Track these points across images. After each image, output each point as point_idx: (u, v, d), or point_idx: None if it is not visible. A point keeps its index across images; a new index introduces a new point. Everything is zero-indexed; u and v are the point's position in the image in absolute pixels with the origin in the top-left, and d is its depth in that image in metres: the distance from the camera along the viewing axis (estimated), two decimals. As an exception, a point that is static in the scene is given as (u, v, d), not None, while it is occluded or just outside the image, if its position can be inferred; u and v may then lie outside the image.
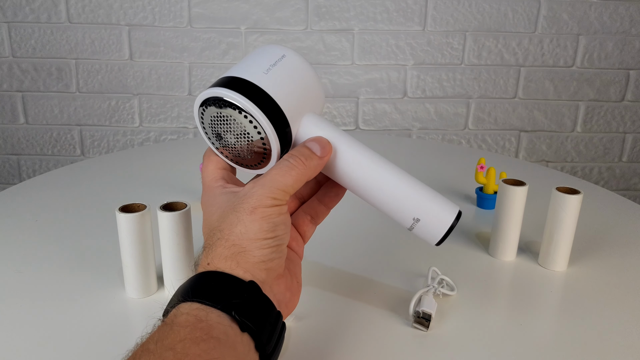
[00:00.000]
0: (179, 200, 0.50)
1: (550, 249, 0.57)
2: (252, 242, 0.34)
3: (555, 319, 0.49)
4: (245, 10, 1.43)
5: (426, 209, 0.39)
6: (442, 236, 0.39)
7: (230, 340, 0.30)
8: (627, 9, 1.46)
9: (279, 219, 0.35)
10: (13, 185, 0.99)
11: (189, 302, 0.31)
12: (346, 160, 0.39)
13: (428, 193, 0.39)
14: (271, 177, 0.35)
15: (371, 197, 0.39)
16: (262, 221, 0.34)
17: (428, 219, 0.39)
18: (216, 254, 0.34)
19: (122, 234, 0.48)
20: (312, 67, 0.39)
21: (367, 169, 0.39)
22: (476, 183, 0.83)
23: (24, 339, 0.44)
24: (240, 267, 0.34)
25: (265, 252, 0.34)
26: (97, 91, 1.49)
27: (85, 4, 1.41)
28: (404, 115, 1.55)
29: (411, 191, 0.39)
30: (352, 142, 0.39)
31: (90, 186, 0.81)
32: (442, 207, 0.39)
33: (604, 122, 1.58)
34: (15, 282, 0.53)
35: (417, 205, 0.39)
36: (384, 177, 0.39)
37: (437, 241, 0.39)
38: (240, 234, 0.34)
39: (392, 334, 0.45)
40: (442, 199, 0.40)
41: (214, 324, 0.30)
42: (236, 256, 0.34)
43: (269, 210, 0.34)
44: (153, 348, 0.29)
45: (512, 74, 1.51)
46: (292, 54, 0.39)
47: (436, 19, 1.45)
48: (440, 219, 0.39)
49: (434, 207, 0.39)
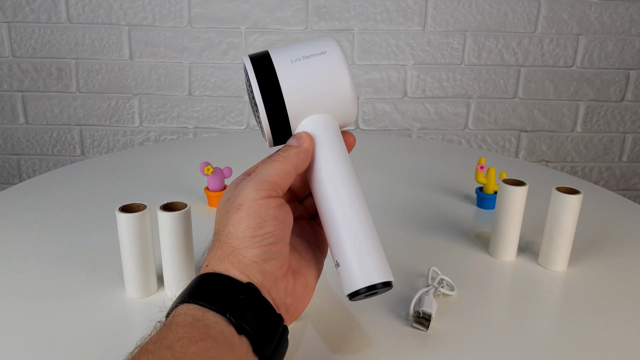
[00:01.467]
0: (179, 200, 0.50)
1: (550, 249, 0.57)
2: (240, 241, 0.33)
3: (555, 319, 0.49)
4: (245, 10, 1.43)
5: (351, 258, 0.36)
6: (355, 289, 0.35)
7: (227, 340, 0.30)
8: (627, 9, 1.46)
9: (267, 213, 0.34)
10: (13, 185, 0.99)
11: (186, 304, 0.32)
12: (317, 167, 0.38)
13: (366, 246, 0.36)
14: (256, 173, 0.36)
15: (321, 213, 0.38)
16: (249, 217, 0.33)
17: (347, 268, 0.36)
18: (213, 255, 0.34)
19: (122, 234, 0.48)
20: (349, 74, 0.38)
21: (329, 184, 0.37)
22: (476, 183, 0.83)
23: (23, 339, 0.44)
24: (235, 267, 0.33)
25: (255, 251, 0.33)
26: (97, 91, 1.49)
27: (85, 4, 1.41)
28: (404, 115, 1.55)
29: (352, 231, 0.36)
30: (333, 154, 0.38)
31: (90, 186, 0.81)
32: (372, 264, 0.36)
33: (604, 122, 1.58)
34: (15, 282, 0.53)
35: (346, 248, 0.36)
36: (339, 201, 0.37)
37: (349, 292, 0.36)
38: (230, 233, 0.34)
39: (392, 334, 0.45)
40: (380, 259, 0.36)
41: (210, 323, 0.30)
42: (229, 257, 0.33)
43: (255, 204, 0.33)
44: (152, 348, 0.29)
45: (512, 74, 1.51)
46: (334, 54, 0.38)
47: (436, 19, 1.45)
48: (358, 275, 0.35)
49: (363, 260, 0.36)
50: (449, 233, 0.66)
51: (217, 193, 0.72)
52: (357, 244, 0.36)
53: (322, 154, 0.38)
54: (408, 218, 0.70)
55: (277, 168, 0.35)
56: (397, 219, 0.70)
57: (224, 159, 0.94)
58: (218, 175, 0.72)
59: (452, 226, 0.68)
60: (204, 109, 1.52)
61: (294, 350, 0.43)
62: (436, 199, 0.77)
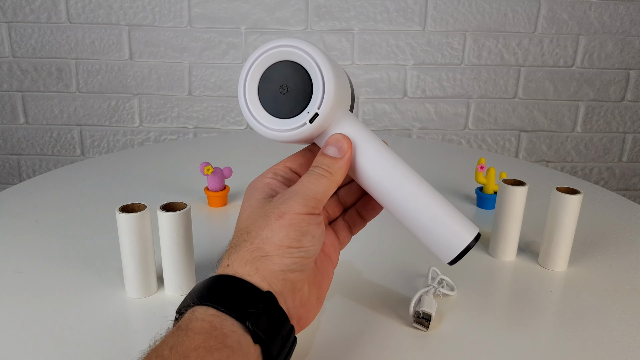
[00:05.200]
0: (179, 200, 0.50)
1: (550, 249, 0.57)
2: (276, 248, 0.33)
3: (555, 319, 0.49)
4: (245, 10, 1.43)
5: (444, 224, 0.38)
6: (455, 255, 0.38)
7: (243, 350, 0.30)
8: (627, 9, 1.46)
9: (308, 228, 0.34)
10: (13, 185, 0.99)
11: (204, 307, 0.31)
12: (365, 160, 0.38)
13: (449, 209, 0.38)
14: (303, 186, 0.35)
15: (389, 204, 0.38)
16: (290, 228, 0.33)
17: (439, 243, 0.38)
18: (238, 256, 0.34)
19: (122, 234, 0.48)
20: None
21: (384, 171, 0.38)
22: (476, 183, 0.83)
23: (23, 339, 0.44)
24: (258, 273, 0.33)
25: (286, 261, 0.33)
26: (97, 91, 1.49)
27: (85, 4, 1.41)
28: (404, 115, 1.55)
29: (429, 212, 0.38)
30: (374, 142, 0.38)
31: (90, 186, 0.81)
32: (459, 228, 0.38)
33: (604, 122, 1.58)
34: (14, 282, 0.53)
35: (434, 218, 0.38)
36: (404, 183, 0.38)
37: (450, 260, 0.38)
38: (266, 238, 0.33)
39: (392, 334, 0.45)
40: (461, 220, 0.39)
41: (228, 332, 0.30)
42: (257, 261, 0.33)
43: (298, 217, 0.34)
44: (167, 355, 0.28)
45: (512, 74, 1.51)
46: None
47: (436, 19, 1.45)
48: (459, 236, 0.38)
49: (453, 224, 0.38)
50: (449, 233, 0.65)
51: (217, 193, 0.72)
52: (439, 220, 0.38)
53: (365, 154, 0.38)
54: (408, 218, 0.70)
55: (324, 186, 0.35)
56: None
57: (224, 159, 0.94)
58: (218, 175, 0.72)
59: (452, 226, 0.68)
60: (204, 109, 1.52)
61: (294, 350, 0.43)
62: (436, 199, 0.77)
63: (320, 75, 0.35)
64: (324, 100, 0.35)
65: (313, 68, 0.35)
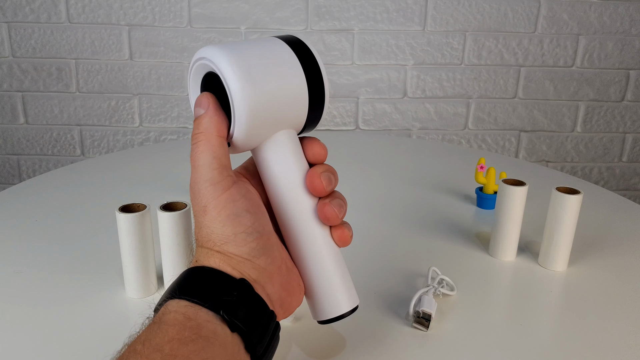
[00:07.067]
0: (179, 200, 0.50)
1: (550, 249, 0.57)
2: (225, 243, 0.32)
3: (555, 319, 0.49)
4: (245, 10, 1.43)
5: (318, 291, 0.36)
6: (328, 318, 0.36)
7: (219, 339, 0.29)
8: (627, 9, 1.46)
9: (235, 206, 0.32)
10: (13, 185, 0.99)
11: (177, 300, 0.30)
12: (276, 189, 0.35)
13: (342, 272, 0.37)
14: (194, 165, 0.33)
15: (287, 235, 0.36)
16: (219, 217, 0.32)
17: (315, 299, 0.36)
18: (203, 251, 0.33)
19: (122, 234, 0.48)
20: None
21: (289, 213, 0.35)
22: (476, 183, 0.83)
23: (23, 339, 0.44)
24: (225, 264, 0.32)
25: (243, 249, 0.32)
26: (97, 91, 1.49)
27: (85, 4, 1.41)
28: (404, 115, 1.55)
29: (328, 258, 0.36)
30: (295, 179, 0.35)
31: (90, 186, 0.81)
32: (340, 295, 0.36)
33: (604, 122, 1.58)
34: (14, 282, 0.53)
35: (324, 273, 0.36)
36: (305, 228, 0.35)
37: (320, 320, 0.37)
38: (208, 235, 0.32)
39: (392, 334, 0.45)
40: (346, 287, 0.37)
41: (202, 322, 0.29)
42: (217, 254, 0.32)
43: (219, 199, 0.32)
44: (140, 349, 0.28)
45: (512, 74, 1.51)
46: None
47: (436, 19, 1.45)
48: (338, 302, 0.36)
49: (340, 287, 0.36)
50: (449, 233, 0.66)
51: (217, 193, 0.72)
52: (324, 276, 0.36)
53: (278, 184, 0.35)
54: (408, 218, 0.70)
55: (208, 149, 0.32)
56: (397, 219, 0.70)
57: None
58: (218, 175, 0.71)
59: (452, 226, 0.68)
60: (204, 109, 1.52)
61: (294, 350, 0.43)
62: (436, 199, 0.77)
63: (231, 98, 0.32)
64: (236, 125, 0.32)
65: (227, 88, 0.32)
